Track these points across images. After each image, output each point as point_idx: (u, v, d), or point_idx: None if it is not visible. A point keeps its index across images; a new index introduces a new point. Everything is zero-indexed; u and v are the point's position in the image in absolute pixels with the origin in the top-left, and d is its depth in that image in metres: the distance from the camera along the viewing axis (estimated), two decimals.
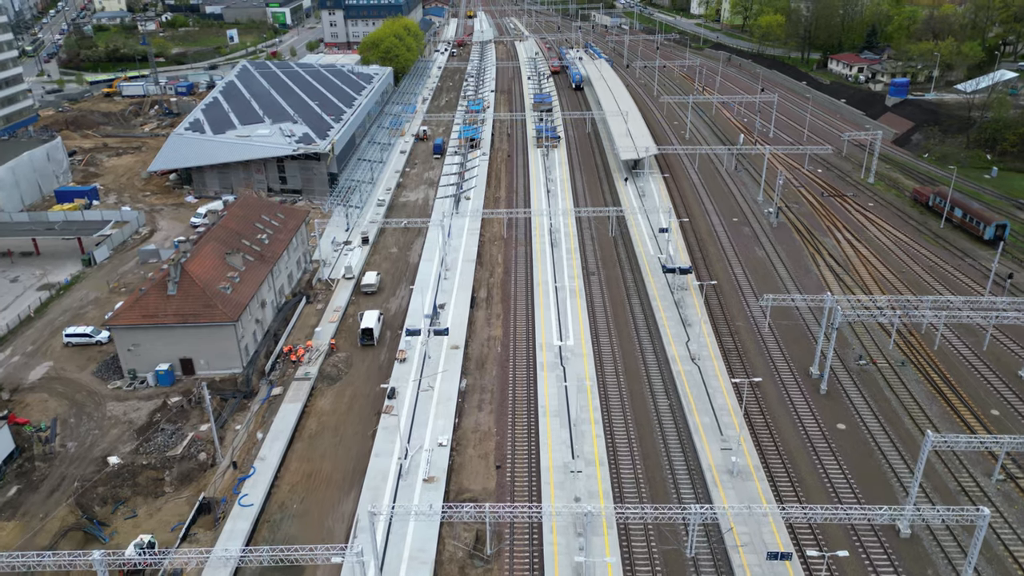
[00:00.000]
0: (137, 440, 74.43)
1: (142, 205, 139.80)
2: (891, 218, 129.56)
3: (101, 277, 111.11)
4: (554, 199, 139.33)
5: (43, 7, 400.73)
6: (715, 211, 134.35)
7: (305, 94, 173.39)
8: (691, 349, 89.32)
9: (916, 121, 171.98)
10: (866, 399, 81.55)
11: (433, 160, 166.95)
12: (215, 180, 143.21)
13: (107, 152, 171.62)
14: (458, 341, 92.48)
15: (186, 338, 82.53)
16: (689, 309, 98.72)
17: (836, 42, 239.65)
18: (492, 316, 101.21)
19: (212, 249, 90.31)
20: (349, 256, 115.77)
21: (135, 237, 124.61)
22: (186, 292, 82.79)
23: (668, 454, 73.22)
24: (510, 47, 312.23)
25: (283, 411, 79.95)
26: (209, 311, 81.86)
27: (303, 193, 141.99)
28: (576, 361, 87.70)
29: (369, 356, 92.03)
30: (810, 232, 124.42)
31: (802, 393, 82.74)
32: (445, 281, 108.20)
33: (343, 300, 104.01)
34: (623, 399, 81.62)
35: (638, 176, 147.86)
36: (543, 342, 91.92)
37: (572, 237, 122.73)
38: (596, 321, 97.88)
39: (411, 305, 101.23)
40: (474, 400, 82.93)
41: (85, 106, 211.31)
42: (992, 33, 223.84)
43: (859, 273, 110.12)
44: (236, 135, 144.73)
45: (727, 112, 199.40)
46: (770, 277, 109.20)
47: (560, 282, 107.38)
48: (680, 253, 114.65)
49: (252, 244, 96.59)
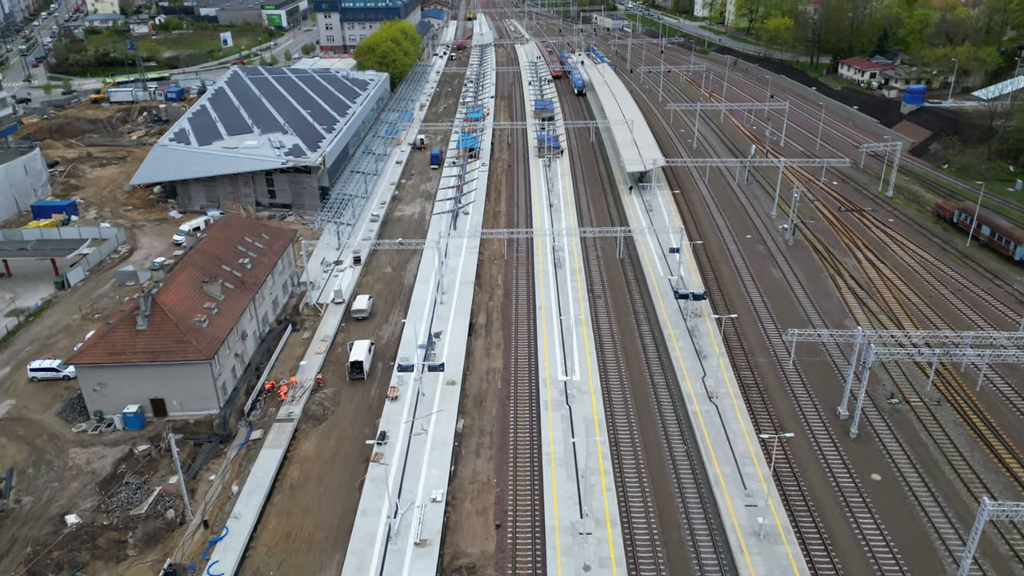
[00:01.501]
0: (99, 495, 67.42)
1: (123, 220, 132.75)
2: (913, 235, 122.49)
3: (74, 302, 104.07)
4: (557, 214, 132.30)
5: (35, 9, 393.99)
6: (727, 227, 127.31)
7: (297, 102, 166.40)
8: (708, 385, 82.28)
9: (934, 130, 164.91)
10: (901, 444, 74.50)
11: (430, 171, 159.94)
12: (201, 194, 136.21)
13: (90, 162, 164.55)
14: (455, 375, 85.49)
15: (157, 377, 75.50)
16: (704, 338, 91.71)
17: (846, 46, 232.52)
18: (492, 345, 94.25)
19: (188, 277, 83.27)
20: (339, 278, 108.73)
21: (113, 256, 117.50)
22: (157, 327, 75.75)
23: (687, 512, 66.16)
24: (510, 50, 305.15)
25: (262, 458, 72.94)
26: (182, 348, 74.85)
27: (293, 207, 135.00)
28: (583, 399, 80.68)
29: (358, 392, 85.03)
30: (828, 251, 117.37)
31: (830, 437, 75.70)
32: (441, 306, 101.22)
33: (332, 328, 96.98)
34: (635, 445, 74.59)
35: (645, 189, 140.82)
36: (547, 377, 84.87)
37: (576, 256, 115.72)
38: (604, 352, 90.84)
39: (404, 333, 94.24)
40: (472, 444, 75.92)
41: (71, 113, 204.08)
42: (1007, 36, 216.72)
43: (883, 297, 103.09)
44: (223, 146, 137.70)
45: (735, 120, 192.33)
46: (788, 302, 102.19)
47: (564, 305, 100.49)
48: (692, 274, 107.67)
49: (233, 269, 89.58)
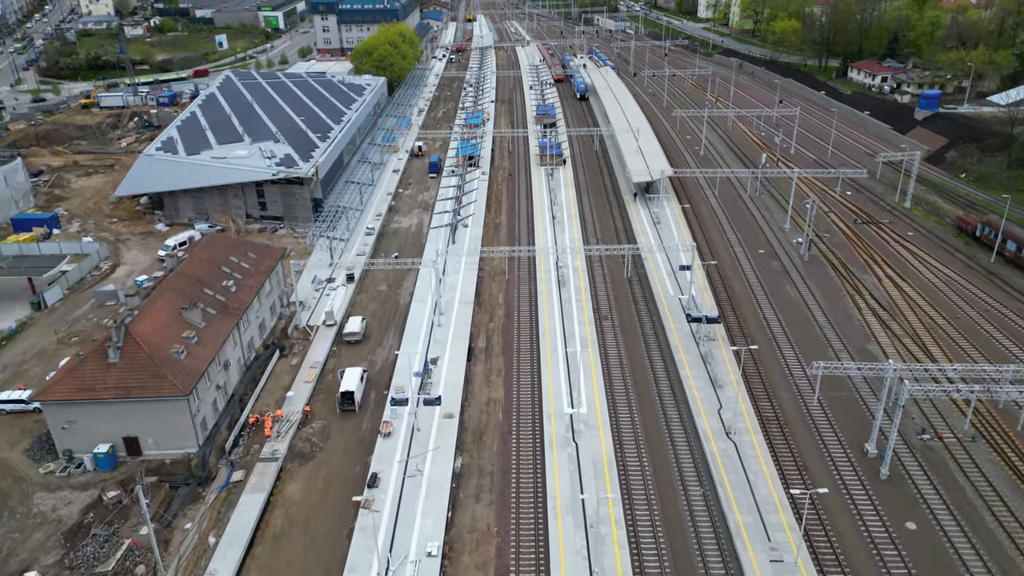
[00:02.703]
0: (64, 548, 61.73)
1: (107, 234, 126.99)
2: (935, 250, 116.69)
3: (51, 324, 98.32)
4: (560, 227, 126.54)
5: (28, 11, 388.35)
6: (738, 241, 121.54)
7: (291, 108, 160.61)
8: (724, 419, 76.52)
9: (950, 137, 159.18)
10: (935, 486, 68.78)
11: (429, 180, 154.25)
12: (189, 205, 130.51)
13: (77, 171, 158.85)
14: (453, 406, 79.77)
15: (130, 414, 69.78)
16: (719, 365, 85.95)
17: (855, 49, 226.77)
18: (492, 371, 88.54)
19: (166, 303, 77.53)
20: (331, 297, 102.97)
21: (95, 273, 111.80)
22: (130, 360, 70.02)
23: (707, 569, 60.40)
24: (511, 53, 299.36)
25: (243, 503, 67.23)
26: (156, 383, 69.11)
27: (284, 220, 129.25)
28: (590, 435, 74.93)
29: (349, 425, 79.31)
30: (846, 267, 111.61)
31: (859, 478, 69.98)
32: (439, 328, 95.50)
33: (322, 353, 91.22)
34: (648, 490, 68.83)
35: (651, 201, 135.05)
36: (551, 410, 79.08)
37: (581, 273, 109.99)
38: (612, 380, 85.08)
39: (400, 359, 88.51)
40: (471, 487, 70.21)
41: (60, 118, 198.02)
42: (1020, 39, 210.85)
43: (907, 318, 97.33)
44: (212, 156, 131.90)
45: (743, 126, 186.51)
46: (806, 324, 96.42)
47: (569, 327, 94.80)
48: (704, 293, 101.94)
49: (216, 293, 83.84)
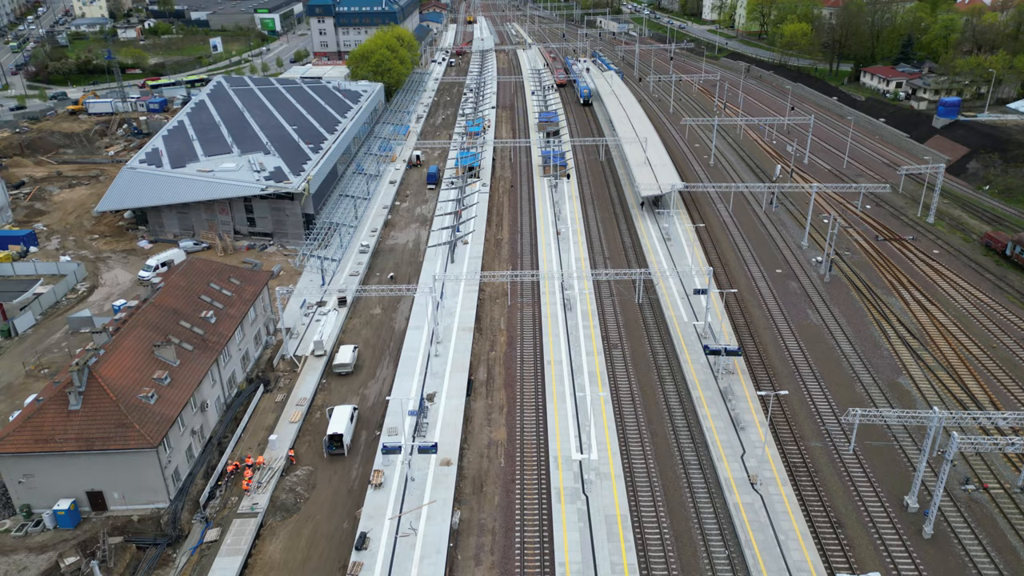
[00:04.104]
0: None
1: (87, 251, 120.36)
2: (963, 270, 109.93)
3: (20, 354, 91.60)
4: (564, 243, 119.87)
5: (21, 13, 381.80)
6: (754, 259, 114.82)
7: (283, 117, 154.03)
8: (748, 467, 69.86)
9: (971, 146, 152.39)
10: (984, 547, 62.07)
11: (427, 191, 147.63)
12: (174, 221, 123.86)
13: (60, 182, 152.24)
14: (450, 451, 73.10)
15: (94, 467, 63.16)
16: (739, 403, 79.25)
17: (868, 53, 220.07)
18: (493, 408, 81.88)
19: (137, 340, 70.87)
20: (322, 323, 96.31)
21: (71, 296, 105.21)
22: (94, 407, 63.39)
23: None
24: (512, 56, 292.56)
25: (217, 568, 60.54)
26: (122, 433, 62.45)
27: (274, 236, 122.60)
28: (602, 486, 68.24)
29: (338, 472, 72.64)
30: (870, 289, 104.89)
31: (899, 536, 63.28)
32: (436, 359, 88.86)
33: (310, 387, 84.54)
34: (667, 552, 62.14)
35: (661, 216, 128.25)
36: (559, 455, 72.43)
37: (588, 295, 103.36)
38: (624, 420, 78.39)
39: (394, 393, 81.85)
40: (470, 546, 63.52)
41: (46, 126, 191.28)
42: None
43: (939, 347, 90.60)
44: (198, 169, 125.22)
45: (754, 133, 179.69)
46: (831, 354, 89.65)
47: (576, 358, 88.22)
48: (720, 320, 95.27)
49: (193, 326, 77.18)
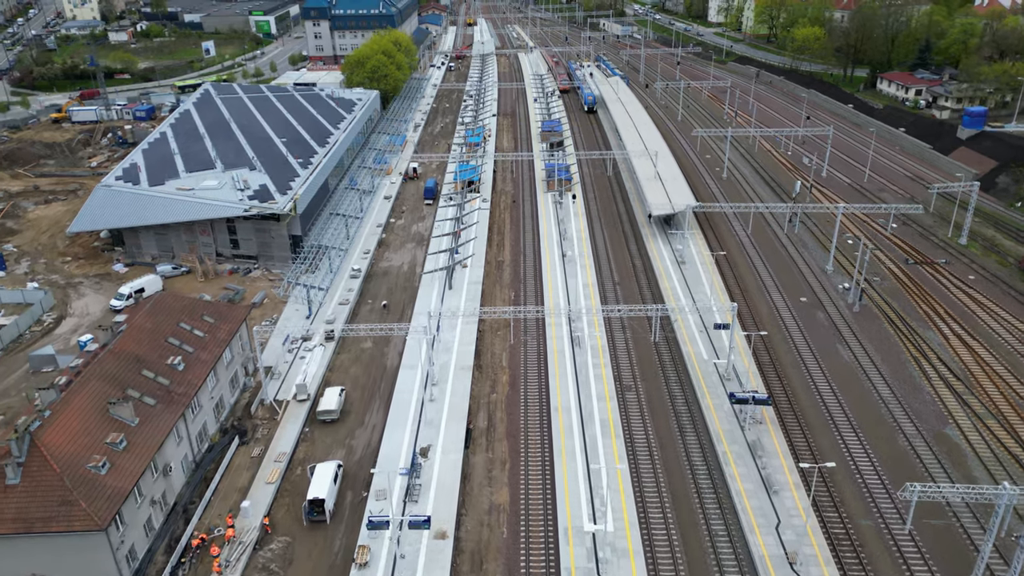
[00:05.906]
0: None
1: (58, 276, 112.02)
2: (1002, 299, 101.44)
3: None
4: (571, 267, 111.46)
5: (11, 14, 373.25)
6: (776, 286, 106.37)
7: (272, 128, 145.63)
8: (785, 541, 61.43)
9: (1000, 160, 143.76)
10: None
11: (424, 207, 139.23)
12: (152, 242, 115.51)
13: (36, 197, 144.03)
14: (446, 520, 64.71)
15: (34, 552, 54.76)
16: (771, 460, 70.81)
17: (884, 58, 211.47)
18: (495, 463, 73.48)
19: (89, 398, 62.44)
20: (307, 360, 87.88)
21: (35, 329, 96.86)
22: (35, 480, 54.98)
23: None
24: (513, 60, 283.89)
25: None
26: (66, 512, 54.01)
27: (259, 260, 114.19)
28: (619, 566, 59.77)
29: (318, 544, 64.21)
30: (904, 320, 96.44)
31: None
32: (431, 404, 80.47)
33: (291, 439, 76.09)
34: None
35: (674, 237, 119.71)
36: (569, 526, 64.03)
37: (598, 328, 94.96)
38: (642, 480, 69.96)
39: (383, 447, 73.54)
40: None
41: (27, 135, 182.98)
42: None
43: (986, 391, 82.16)
44: (177, 187, 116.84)
45: (769, 145, 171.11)
46: (868, 399, 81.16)
47: (586, 403, 79.88)
48: (742, 357, 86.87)
49: (158, 375, 68.74)
